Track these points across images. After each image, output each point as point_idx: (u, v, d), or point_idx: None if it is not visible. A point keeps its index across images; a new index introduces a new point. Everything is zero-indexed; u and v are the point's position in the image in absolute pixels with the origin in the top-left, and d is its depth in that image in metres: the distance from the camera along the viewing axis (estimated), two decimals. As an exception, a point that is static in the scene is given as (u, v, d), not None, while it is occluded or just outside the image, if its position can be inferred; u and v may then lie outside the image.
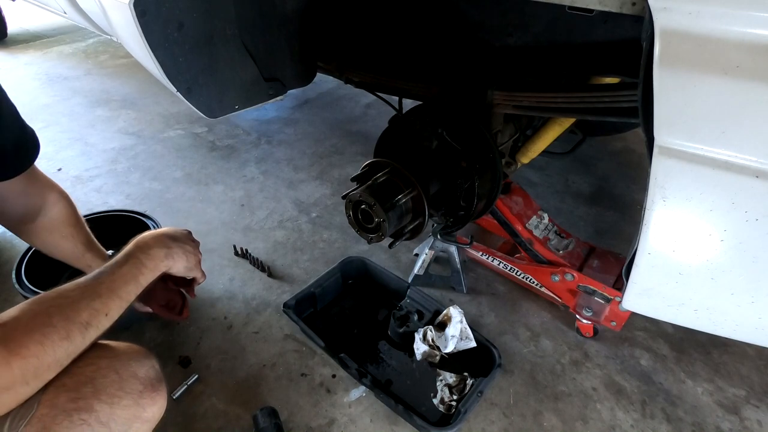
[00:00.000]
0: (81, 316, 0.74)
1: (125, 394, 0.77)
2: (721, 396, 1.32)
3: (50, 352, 0.69)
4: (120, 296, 0.81)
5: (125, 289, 0.83)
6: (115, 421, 0.75)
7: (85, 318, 0.74)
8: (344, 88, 3.00)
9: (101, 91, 3.07)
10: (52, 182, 1.11)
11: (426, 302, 1.46)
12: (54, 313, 0.71)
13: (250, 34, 1.16)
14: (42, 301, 0.73)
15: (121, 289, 0.82)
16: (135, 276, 0.85)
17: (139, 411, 0.79)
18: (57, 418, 0.69)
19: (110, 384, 0.76)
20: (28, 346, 0.66)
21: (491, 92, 1.16)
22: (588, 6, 0.74)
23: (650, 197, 0.71)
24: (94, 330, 0.76)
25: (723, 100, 0.59)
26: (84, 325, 0.74)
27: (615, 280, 1.38)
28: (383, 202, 1.06)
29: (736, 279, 0.72)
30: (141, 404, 0.79)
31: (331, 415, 1.24)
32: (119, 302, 0.81)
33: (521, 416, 1.25)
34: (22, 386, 0.67)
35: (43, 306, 0.72)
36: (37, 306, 0.71)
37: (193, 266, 1.02)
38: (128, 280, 0.84)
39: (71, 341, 0.72)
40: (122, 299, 0.82)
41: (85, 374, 0.75)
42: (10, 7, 3.70)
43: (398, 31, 1.30)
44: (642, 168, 2.30)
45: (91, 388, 0.74)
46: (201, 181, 2.19)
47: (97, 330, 0.77)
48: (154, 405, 0.83)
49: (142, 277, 0.87)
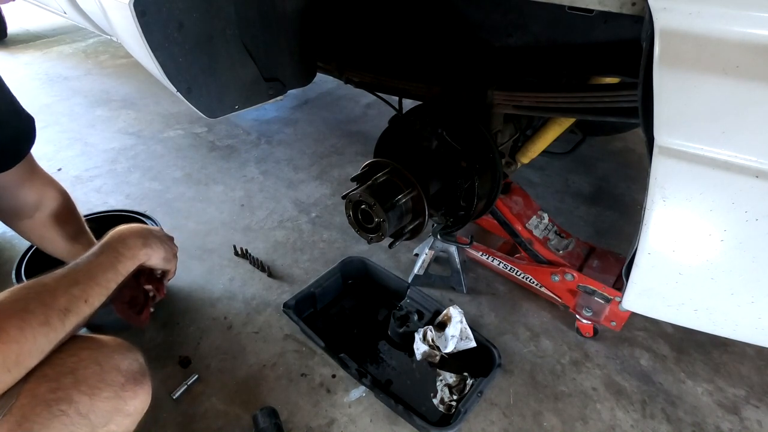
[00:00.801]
0: (59, 301, 0.74)
1: (106, 386, 0.77)
2: (721, 396, 1.32)
3: (30, 338, 0.68)
4: (99, 283, 0.81)
5: (104, 276, 0.82)
6: (95, 413, 0.74)
7: (63, 304, 0.74)
8: (344, 88, 3.00)
9: (101, 91, 3.07)
10: (52, 179, 1.11)
11: (426, 302, 1.46)
12: (31, 299, 0.71)
13: (250, 34, 1.16)
14: (19, 289, 0.73)
15: (99, 275, 0.81)
16: (113, 264, 0.85)
17: (120, 404, 0.78)
18: (36, 408, 0.68)
19: (91, 375, 0.76)
20: (7, 331, 0.66)
21: (491, 92, 1.16)
22: (588, 6, 0.74)
23: (650, 197, 0.71)
24: (74, 316, 0.75)
25: (723, 100, 0.59)
26: (63, 311, 0.73)
27: (615, 280, 1.38)
28: (383, 202, 1.06)
29: (736, 279, 0.72)
30: (122, 397, 0.79)
31: (331, 415, 1.24)
32: (98, 289, 0.80)
33: (521, 416, 1.25)
34: (4, 374, 0.66)
35: (20, 294, 0.72)
36: (14, 294, 0.71)
37: (171, 258, 1.02)
38: (106, 268, 0.83)
39: (51, 327, 0.71)
40: (101, 286, 0.81)
41: (66, 365, 0.74)
42: (10, 7, 3.70)
43: (398, 31, 1.30)
44: (642, 168, 2.30)
45: (72, 379, 0.73)
46: (201, 181, 2.19)
47: (77, 316, 0.76)
48: (136, 398, 0.82)
49: (121, 266, 0.86)
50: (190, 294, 1.59)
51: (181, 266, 1.21)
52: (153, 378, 1.29)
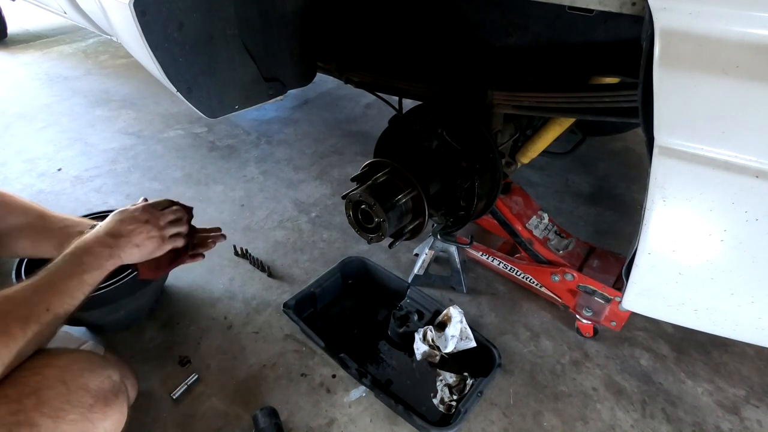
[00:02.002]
0: (18, 310, 0.72)
1: (72, 407, 0.72)
2: (721, 396, 1.32)
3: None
4: (60, 290, 0.79)
5: (65, 285, 0.80)
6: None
7: (23, 312, 0.72)
8: (344, 88, 3.00)
9: (101, 91, 3.07)
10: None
11: (426, 302, 1.46)
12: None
13: (250, 34, 1.16)
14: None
15: (60, 282, 0.79)
16: (77, 273, 0.83)
17: (87, 426, 0.74)
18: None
19: (56, 396, 0.71)
20: None
21: (491, 92, 1.16)
22: (588, 6, 0.74)
23: (650, 197, 0.71)
24: (35, 323, 0.73)
25: (723, 100, 0.59)
26: (23, 319, 0.71)
27: (615, 280, 1.38)
28: (383, 202, 1.06)
29: (736, 279, 0.72)
30: (90, 419, 0.74)
31: (331, 415, 1.24)
32: (60, 297, 0.78)
33: (521, 416, 1.25)
34: None
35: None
36: None
37: (156, 247, 0.98)
38: (70, 275, 0.81)
39: (10, 336, 0.69)
40: (64, 294, 0.79)
41: (29, 384, 0.71)
42: (10, 7, 3.70)
43: (398, 31, 1.30)
44: (642, 168, 2.30)
45: (35, 400, 0.69)
46: (201, 181, 2.19)
47: (39, 324, 0.74)
48: (106, 420, 0.77)
49: (88, 275, 0.84)
50: (190, 294, 1.59)
51: (182, 266, 1.22)
52: (153, 378, 1.31)
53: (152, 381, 1.30)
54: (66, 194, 2.09)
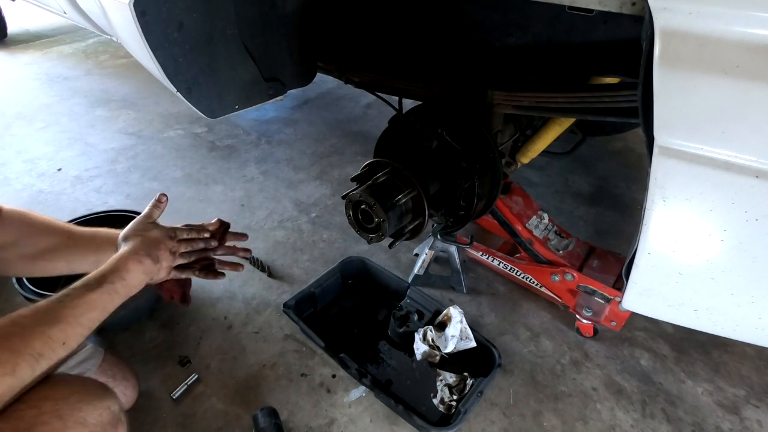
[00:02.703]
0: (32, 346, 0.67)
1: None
2: (721, 396, 1.32)
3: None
4: (82, 323, 0.73)
5: (89, 317, 0.75)
6: None
7: (37, 348, 0.67)
8: (344, 88, 3.00)
9: (101, 91, 3.07)
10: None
11: (426, 302, 1.46)
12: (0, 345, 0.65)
13: (250, 34, 1.16)
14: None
15: (84, 316, 0.74)
16: (104, 304, 0.78)
17: None
18: None
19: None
20: None
21: (491, 92, 1.16)
22: (588, 6, 0.74)
23: (650, 197, 0.71)
24: (47, 361, 0.69)
25: (723, 100, 0.59)
26: (35, 357, 0.67)
27: (615, 280, 1.38)
28: (383, 202, 1.06)
29: (736, 279, 0.72)
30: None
31: (331, 415, 1.24)
32: (81, 330, 0.73)
33: (521, 416, 1.25)
34: None
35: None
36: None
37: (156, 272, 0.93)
38: (95, 307, 0.76)
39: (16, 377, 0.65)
40: (84, 327, 0.74)
41: (24, 419, 0.66)
42: (10, 7, 3.70)
43: (398, 31, 1.30)
44: (642, 168, 2.30)
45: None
46: (201, 181, 2.19)
47: (50, 361, 0.69)
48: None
49: (111, 305, 0.80)
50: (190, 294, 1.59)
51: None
52: (153, 378, 1.31)
53: (152, 381, 1.31)
54: (66, 194, 2.09)
